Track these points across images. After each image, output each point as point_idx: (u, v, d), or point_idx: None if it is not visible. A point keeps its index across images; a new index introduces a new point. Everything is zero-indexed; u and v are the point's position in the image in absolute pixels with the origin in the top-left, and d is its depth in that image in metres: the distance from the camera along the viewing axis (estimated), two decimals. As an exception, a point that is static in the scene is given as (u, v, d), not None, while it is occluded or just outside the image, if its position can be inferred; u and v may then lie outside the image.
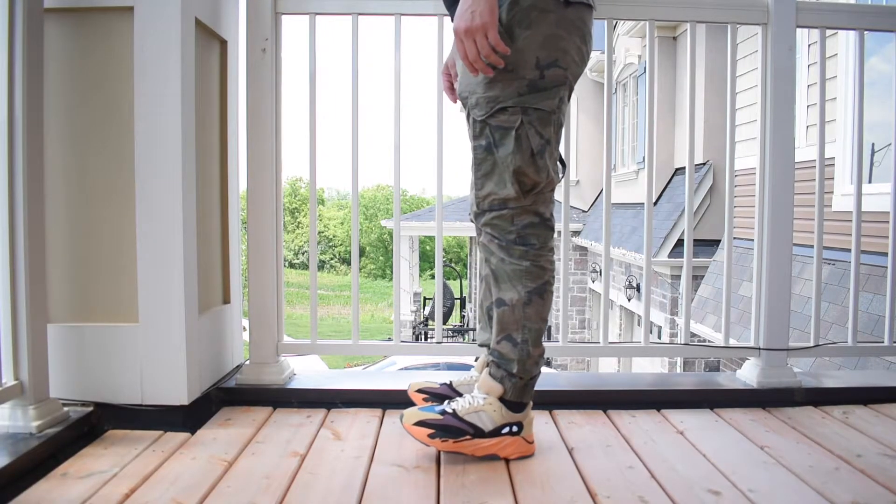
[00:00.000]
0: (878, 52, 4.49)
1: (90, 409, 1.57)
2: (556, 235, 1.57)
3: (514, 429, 1.45)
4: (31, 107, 1.43)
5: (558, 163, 1.50)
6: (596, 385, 1.97)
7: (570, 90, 1.47)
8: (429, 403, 1.55)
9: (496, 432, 1.44)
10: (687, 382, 2.06)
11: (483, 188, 1.43)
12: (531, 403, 1.49)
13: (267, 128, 1.80)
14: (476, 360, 1.70)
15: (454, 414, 1.45)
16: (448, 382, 1.68)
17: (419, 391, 1.67)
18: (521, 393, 1.46)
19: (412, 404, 1.60)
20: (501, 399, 1.45)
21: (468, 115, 1.45)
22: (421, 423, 1.44)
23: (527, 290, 1.43)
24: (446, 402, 1.50)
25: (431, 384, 1.68)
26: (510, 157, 1.39)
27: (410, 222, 14.51)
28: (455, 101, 1.60)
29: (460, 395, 1.59)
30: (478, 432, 1.43)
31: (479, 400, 1.46)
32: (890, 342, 1.99)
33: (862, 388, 1.97)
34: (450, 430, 1.43)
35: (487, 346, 1.57)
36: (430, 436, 1.42)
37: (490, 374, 1.48)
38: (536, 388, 1.49)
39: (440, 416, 1.44)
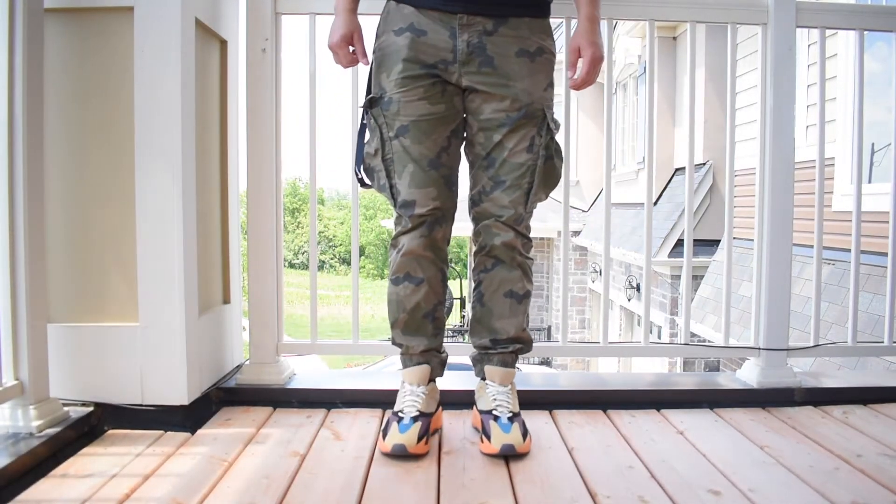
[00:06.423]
0: (867, 51, 4.48)
1: (90, 409, 1.57)
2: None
3: None
4: (31, 107, 1.43)
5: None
6: (596, 385, 1.97)
7: None
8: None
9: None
10: (687, 382, 2.06)
11: (538, 194, 1.55)
12: None
13: (267, 128, 1.80)
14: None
15: (517, 413, 1.53)
16: None
17: None
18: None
19: None
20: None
21: (527, 123, 1.49)
22: (525, 435, 1.48)
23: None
24: (496, 406, 1.52)
25: None
26: (561, 166, 1.58)
27: (410, 222, 14.44)
28: (350, 67, 1.58)
29: None
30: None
31: (510, 394, 1.56)
32: (890, 342, 1.99)
33: (862, 388, 1.97)
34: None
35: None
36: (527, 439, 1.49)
37: (506, 364, 1.58)
38: (536, 388, 1.50)
39: (523, 422, 1.52)
